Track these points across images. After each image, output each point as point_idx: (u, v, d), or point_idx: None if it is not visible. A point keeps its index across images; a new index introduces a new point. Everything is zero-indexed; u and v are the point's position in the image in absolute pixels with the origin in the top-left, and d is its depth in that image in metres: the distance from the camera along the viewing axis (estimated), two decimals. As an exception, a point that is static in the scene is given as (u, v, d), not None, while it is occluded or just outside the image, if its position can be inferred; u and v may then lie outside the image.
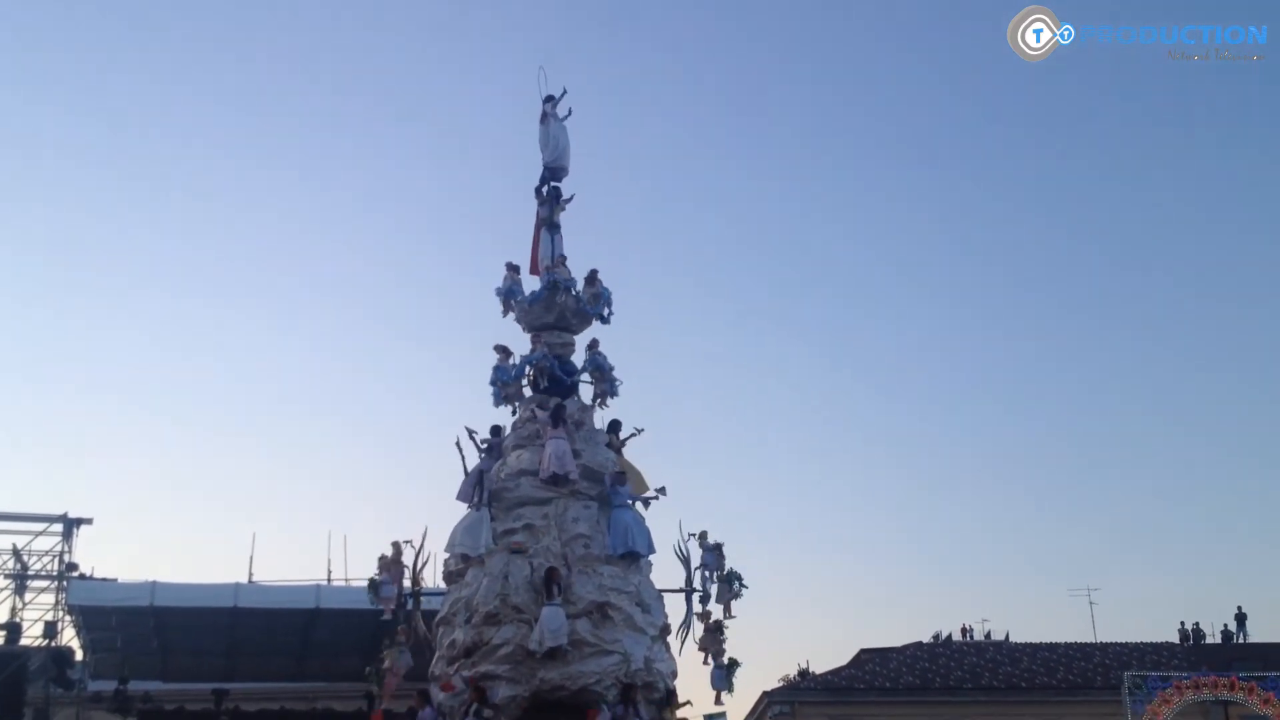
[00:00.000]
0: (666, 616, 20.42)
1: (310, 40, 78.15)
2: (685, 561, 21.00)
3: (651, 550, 20.28)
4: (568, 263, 22.02)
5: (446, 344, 73.82)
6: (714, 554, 20.97)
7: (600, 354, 21.81)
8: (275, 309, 76.52)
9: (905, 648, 43.95)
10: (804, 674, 44.71)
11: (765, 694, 40.83)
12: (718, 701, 20.65)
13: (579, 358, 21.98)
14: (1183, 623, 45.90)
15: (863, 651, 44.28)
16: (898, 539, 74.93)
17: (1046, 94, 77.48)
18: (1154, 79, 77.01)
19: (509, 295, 21.92)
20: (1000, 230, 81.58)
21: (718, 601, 20.82)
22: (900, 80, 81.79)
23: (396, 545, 20.65)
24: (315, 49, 78.36)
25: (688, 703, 19.58)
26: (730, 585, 20.79)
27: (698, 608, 20.84)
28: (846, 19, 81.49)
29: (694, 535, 21.04)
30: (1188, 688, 34.46)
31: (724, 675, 20.62)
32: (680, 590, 20.91)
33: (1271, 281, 76.97)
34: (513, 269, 22.20)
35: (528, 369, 21.52)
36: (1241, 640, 45.55)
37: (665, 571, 20.95)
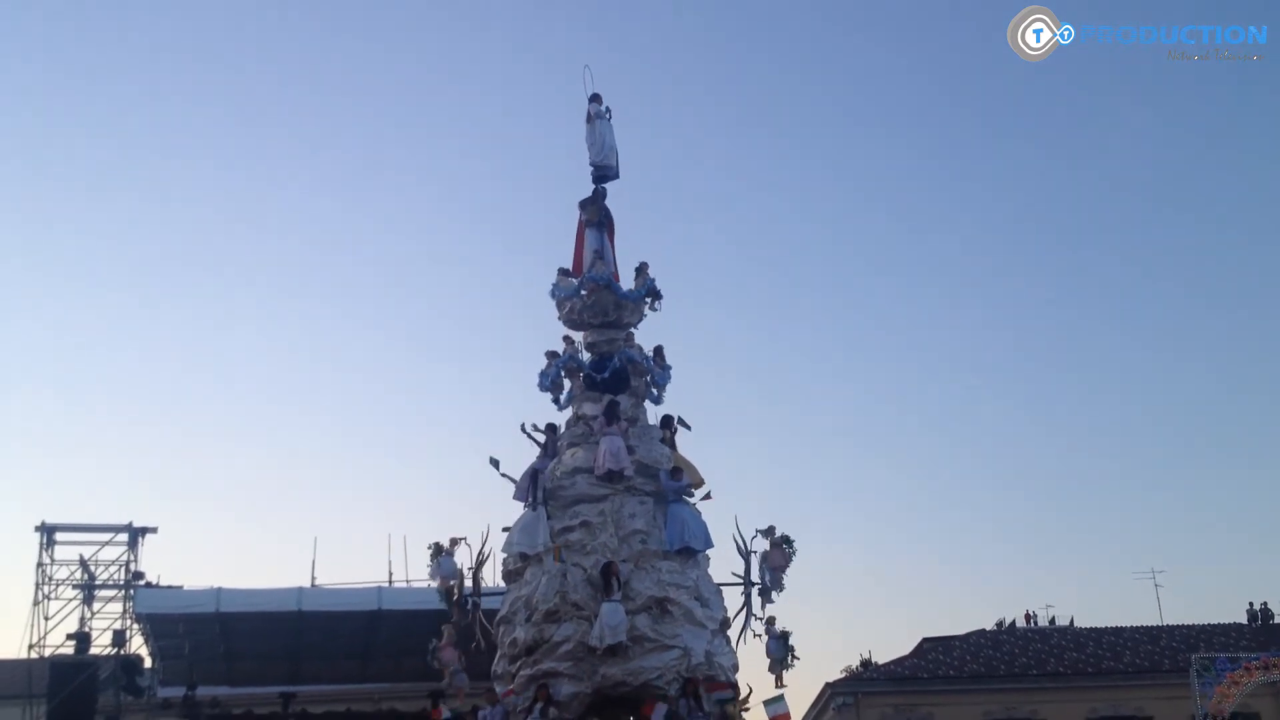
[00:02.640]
0: (726, 610, 20.46)
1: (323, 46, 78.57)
2: (745, 555, 20.98)
3: (709, 544, 20.29)
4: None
5: (508, 346, 74.10)
6: (777, 546, 20.97)
7: (636, 347, 21.63)
8: (335, 314, 77.08)
9: (969, 635, 43.66)
10: (867, 664, 44.48)
11: (828, 685, 40.69)
12: (779, 683, 20.70)
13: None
14: (1251, 603, 45.27)
15: (925, 640, 44.03)
16: (959, 526, 74.43)
17: (1046, 94, 76.75)
18: (1154, 79, 76.03)
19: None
20: (1000, 230, 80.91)
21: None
22: (900, 80, 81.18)
23: (453, 541, 20.98)
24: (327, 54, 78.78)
25: (749, 692, 19.60)
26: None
27: (756, 605, 20.86)
28: (845, 19, 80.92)
29: (760, 532, 21.03)
30: (1257, 668, 34.06)
31: (781, 644, 20.65)
32: (739, 584, 20.94)
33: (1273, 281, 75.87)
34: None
35: (561, 371, 21.40)
36: (1312, 619, 44.96)
37: (726, 564, 21.05)
